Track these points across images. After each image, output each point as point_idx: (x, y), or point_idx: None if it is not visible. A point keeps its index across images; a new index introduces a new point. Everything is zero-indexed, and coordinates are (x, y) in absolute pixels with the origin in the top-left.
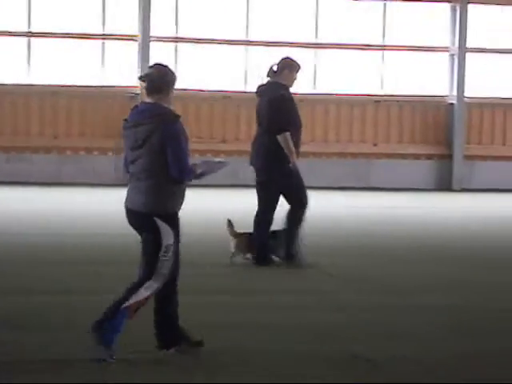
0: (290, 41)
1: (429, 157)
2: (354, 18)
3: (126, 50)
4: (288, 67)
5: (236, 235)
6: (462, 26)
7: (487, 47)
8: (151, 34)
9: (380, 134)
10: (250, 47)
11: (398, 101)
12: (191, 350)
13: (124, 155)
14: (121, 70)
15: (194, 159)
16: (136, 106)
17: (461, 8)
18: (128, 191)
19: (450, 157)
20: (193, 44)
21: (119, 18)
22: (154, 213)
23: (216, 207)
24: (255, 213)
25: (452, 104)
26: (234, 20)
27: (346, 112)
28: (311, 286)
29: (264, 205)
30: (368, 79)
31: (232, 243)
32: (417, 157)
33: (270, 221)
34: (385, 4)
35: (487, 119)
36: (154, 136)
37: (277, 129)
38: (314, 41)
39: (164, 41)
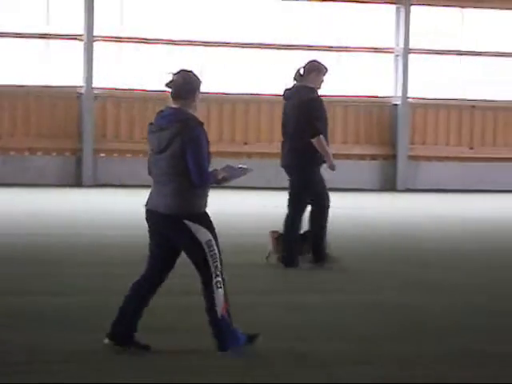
0: (226, 41)
1: (373, 157)
2: (300, 19)
3: (70, 49)
4: (315, 70)
5: (275, 236)
6: (406, 28)
7: (430, 48)
8: (95, 33)
9: None
10: (191, 47)
11: (344, 101)
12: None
13: (148, 158)
14: (65, 70)
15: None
16: (161, 111)
17: (405, 10)
18: (150, 193)
19: (394, 157)
20: (136, 44)
21: (64, 18)
22: (181, 215)
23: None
24: (286, 214)
25: (396, 105)
26: (176, 20)
27: None
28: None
29: (295, 206)
30: None
31: (271, 244)
32: (361, 157)
33: (300, 222)
34: (327, 5)
35: (431, 120)
36: (176, 141)
37: (311, 132)
38: (257, 41)
39: (108, 40)
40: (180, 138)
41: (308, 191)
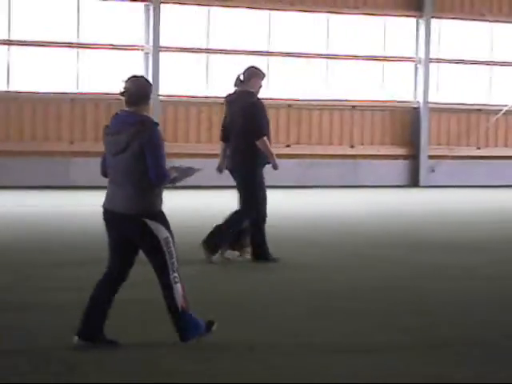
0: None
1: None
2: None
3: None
4: (255, 76)
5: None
6: (155, 25)
7: (177, 46)
8: None
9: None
10: (82, 50)
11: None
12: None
13: (102, 160)
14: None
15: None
16: (116, 114)
17: (154, 8)
18: (108, 194)
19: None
20: (25, 47)
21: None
22: (140, 214)
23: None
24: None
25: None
26: (65, 23)
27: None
28: None
29: (248, 204)
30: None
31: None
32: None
33: (264, 217)
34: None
35: (181, 116)
36: (135, 142)
37: (256, 134)
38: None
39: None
40: (138, 140)
41: (248, 190)
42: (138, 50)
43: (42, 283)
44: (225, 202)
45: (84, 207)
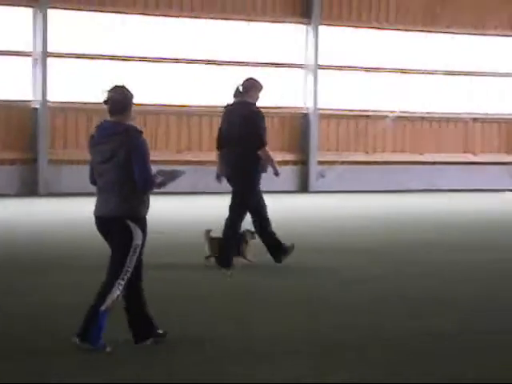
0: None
1: (12, 162)
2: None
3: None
4: (254, 87)
5: (210, 236)
6: (44, 31)
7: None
8: None
9: None
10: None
11: None
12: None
13: (90, 169)
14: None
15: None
16: (100, 124)
17: (42, 13)
18: (97, 201)
19: (34, 161)
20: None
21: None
22: (126, 216)
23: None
24: (227, 217)
25: (36, 109)
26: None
27: None
28: None
29: (238, 210)
30: None
31: (207, 246)
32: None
33: (240, 226)
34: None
35: (70, 124)
36: (121, 150)
37: (258, 143)
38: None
39: None
40: (124, 148)
41: (249, 197)
42: (26, 56)
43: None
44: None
45: None
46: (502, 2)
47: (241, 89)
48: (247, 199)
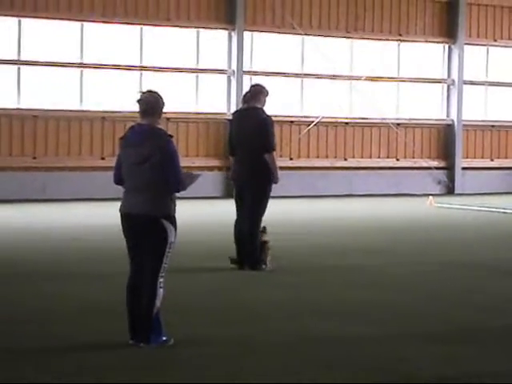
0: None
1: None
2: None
3: None
4: (261, 92)
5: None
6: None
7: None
8: None
9: None
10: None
11: None
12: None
13: (116, 170)
14: None
15: None
16: (132, 127)
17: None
18: (127, 200)
19: None
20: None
21: None
22: (160, 215)
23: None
24: (237, 223)
25: None
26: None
27: None
28: None
29: (255, 214)
30: None
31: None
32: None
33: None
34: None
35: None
36: (156, 153)
37: (267, 148)
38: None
39: None
40: (159, 151)
41: (257, 204)
42: None
43: None
44: None
45: None
46: (421, 10)
47: (248, 95)
48: (260, 206)
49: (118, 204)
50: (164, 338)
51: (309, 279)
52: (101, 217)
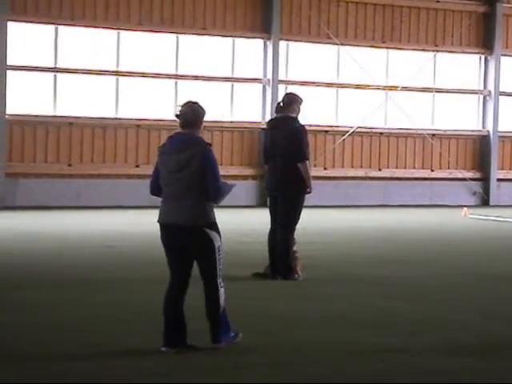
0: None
1: None
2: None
3: None
4: (294, 101)
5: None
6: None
7: None
8: None
9: None
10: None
11: None
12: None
13: (153, 178)
14: None
15: None
16: (171, 136)
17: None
18: (167, 209)
19: None
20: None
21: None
22: (201, 224)
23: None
24: (272, 231)
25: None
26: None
27: None
28: None
29: (290, 223)
30: None
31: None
32: None
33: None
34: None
35: (28, 137)
36: (195, 160)
37: (299, 157)
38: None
39: None
40: (199, 159)
41: (290, 214)
42: None
43: None
44: None
45: None
46: (457, 20)
47: (282, 104)
48: (293, 216)
49: (152, 212)
50: (232, 334)
51: (343, 289)
52: (136, 225)
